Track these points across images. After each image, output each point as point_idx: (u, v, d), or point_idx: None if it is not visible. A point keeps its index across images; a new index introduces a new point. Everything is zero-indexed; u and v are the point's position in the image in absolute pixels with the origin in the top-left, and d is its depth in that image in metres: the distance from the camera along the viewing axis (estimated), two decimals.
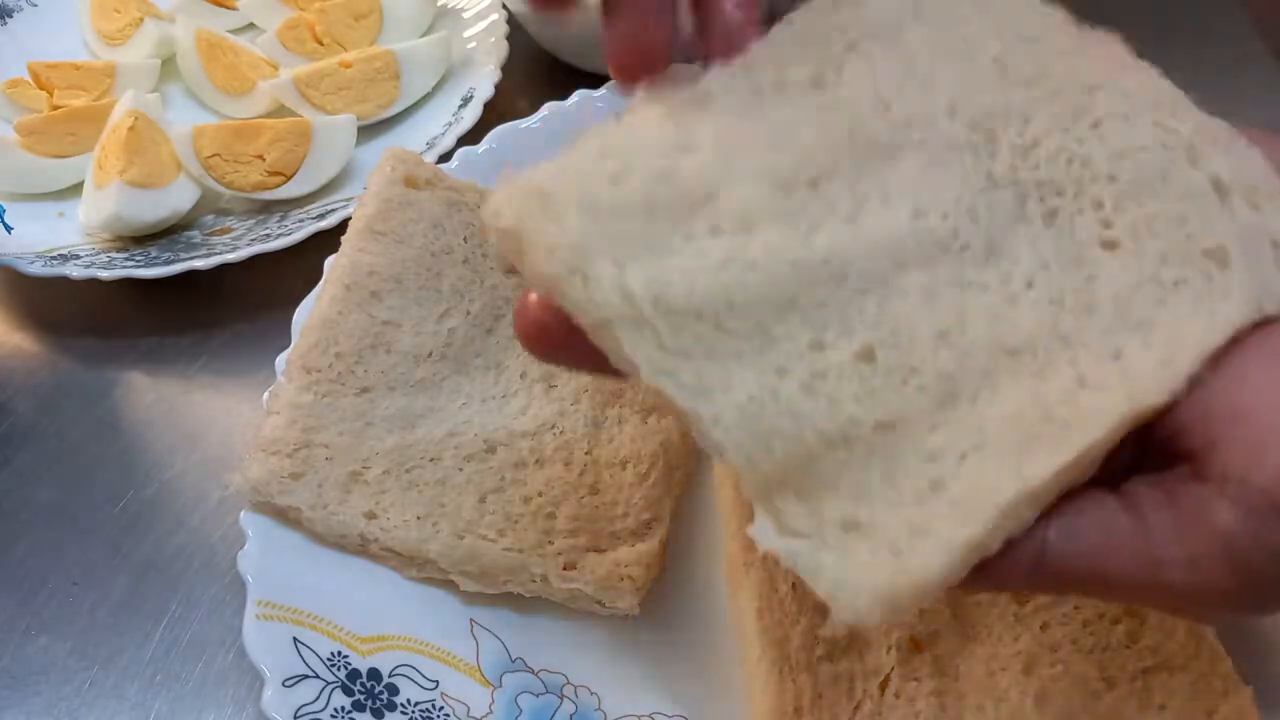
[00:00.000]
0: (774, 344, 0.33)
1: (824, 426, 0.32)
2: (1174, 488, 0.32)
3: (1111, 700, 0.45)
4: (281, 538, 0.53)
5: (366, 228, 0.59)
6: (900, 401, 0.33)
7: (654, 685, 0.51)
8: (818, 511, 0.32)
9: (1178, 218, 0.34)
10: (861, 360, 0.33)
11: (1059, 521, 0.32)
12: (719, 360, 0.33)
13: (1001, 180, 0.36)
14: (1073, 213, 0.35)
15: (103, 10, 0.88)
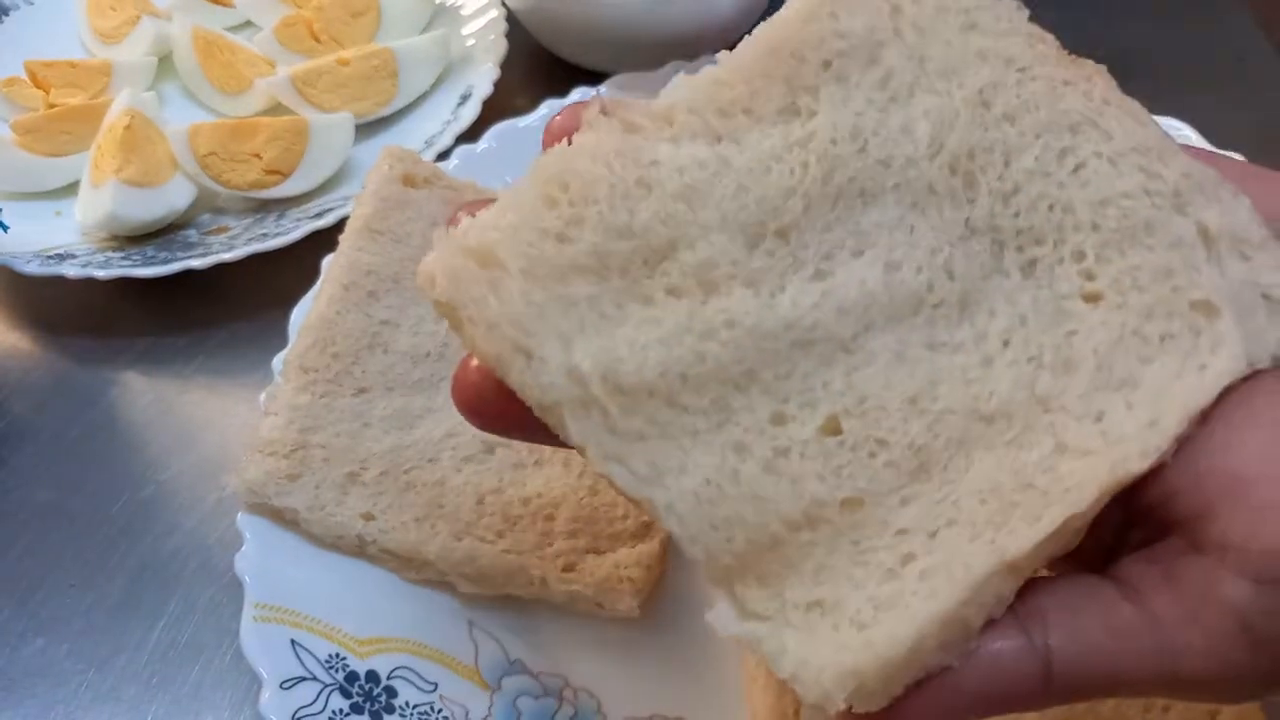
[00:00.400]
0: (732, 418, 0.31)
1: (787, 509, 0.30)
2: (1171, 564, 0.30)
3: (1115, 701, 0.45)
4: (279, 539, 0.53)
5: (364, 227, 0.59)
6: (868, 477, 0.31)
7: (654, 687, 0.51)
8: (780, 595, 0.30)
9: (1163, 269, 0.33)
10: (826, 434, 0.32)
11: (1058, 626, 0.30)
12: (673, 439, 0.31)
13: (980, 228, 0.34)
14: (1053, 263, 0.33)
15: (99, 8, 0.88)
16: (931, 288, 0.33)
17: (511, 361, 0.30)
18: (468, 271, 0.31)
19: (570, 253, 0.32)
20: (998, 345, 0.33)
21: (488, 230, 0.32)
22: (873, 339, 0.32)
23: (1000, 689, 0.30)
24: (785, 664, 0.29)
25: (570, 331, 0.31)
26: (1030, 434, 0.31)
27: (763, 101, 0.34)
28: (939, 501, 0.31)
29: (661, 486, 0.30)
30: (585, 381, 0.30)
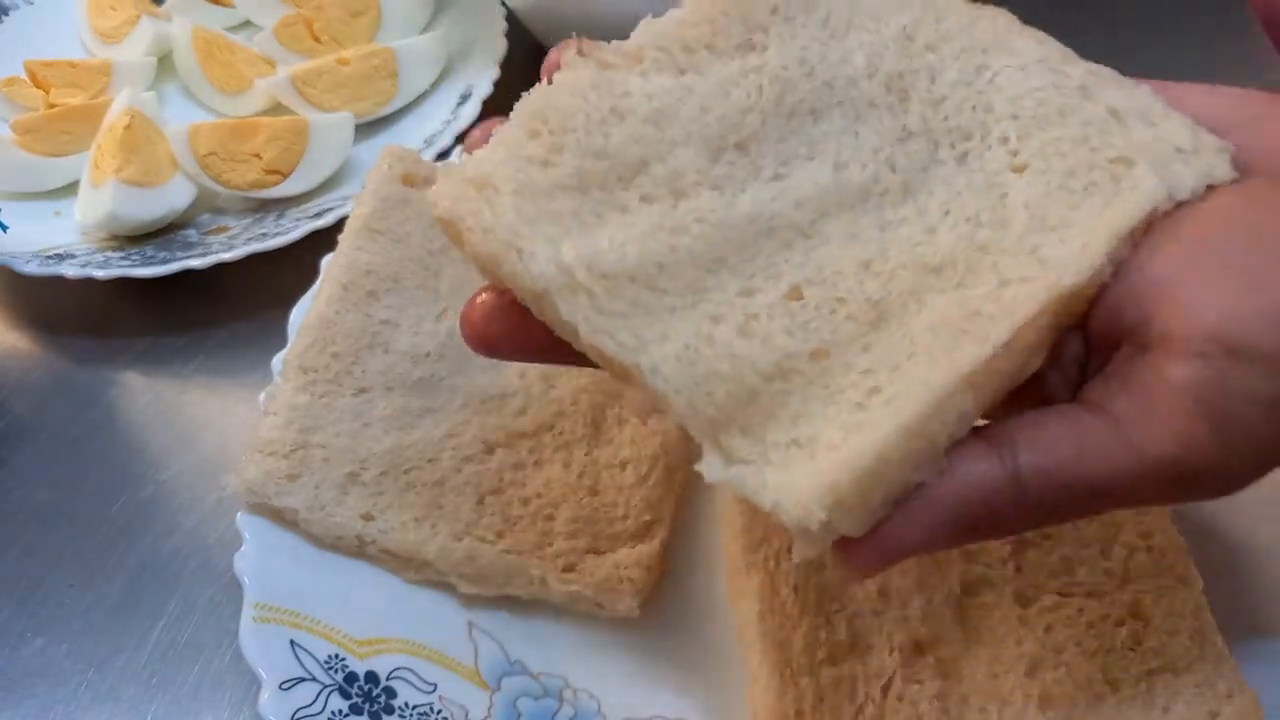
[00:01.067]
0: (706, 296, 0.35)
1: (761, 363, 0.34)
2: (1121, 370, 0.33)
3: (1115, 703, 0.45)
4: (278, 539, 0.52)
5: (364, 226, 0.59)
6: (831, 330, 0.35)
7: (654, 688, 0.51)
8: (761, 440, 0.33)
9: (1080, 138, 0.37)
10: (790, 299, 0.35)
11: (1025, 442, 0.32)
12: (654, 315, 0.35)
13: (916, 131, 0.39)
14: (982, 151, 0.38)
15: (99, 8, 0.88)
16: (877, 179, 0.38)
17: (504, 257, 0.35)
18: (466, 193, 0.36)
19: (554, 174, 0.37)
20: (939, 215, 0.37)
21: (482, 163, 0.37)
22: (827, 224, 0.37)
23: (975, 501, 0.32)
24: (766, 496, 0.32)
25: (556, 235, 0.36)
26: (974, 275, 0.35)
27: (722, 38, 0.40)
28: (898, 341, 0.34)
29: (645, 353, 0.34)
30: (571, 270, 0.35)
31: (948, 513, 0.32)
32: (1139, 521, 0.49)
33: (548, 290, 0.35)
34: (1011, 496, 0.32)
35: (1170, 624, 0.46)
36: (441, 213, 0.36)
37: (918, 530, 0.32)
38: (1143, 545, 0.48)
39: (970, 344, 0.33)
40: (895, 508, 0.32)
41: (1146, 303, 0.33)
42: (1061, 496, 0.32)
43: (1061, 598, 0.47)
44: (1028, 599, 0.48)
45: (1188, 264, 0.33)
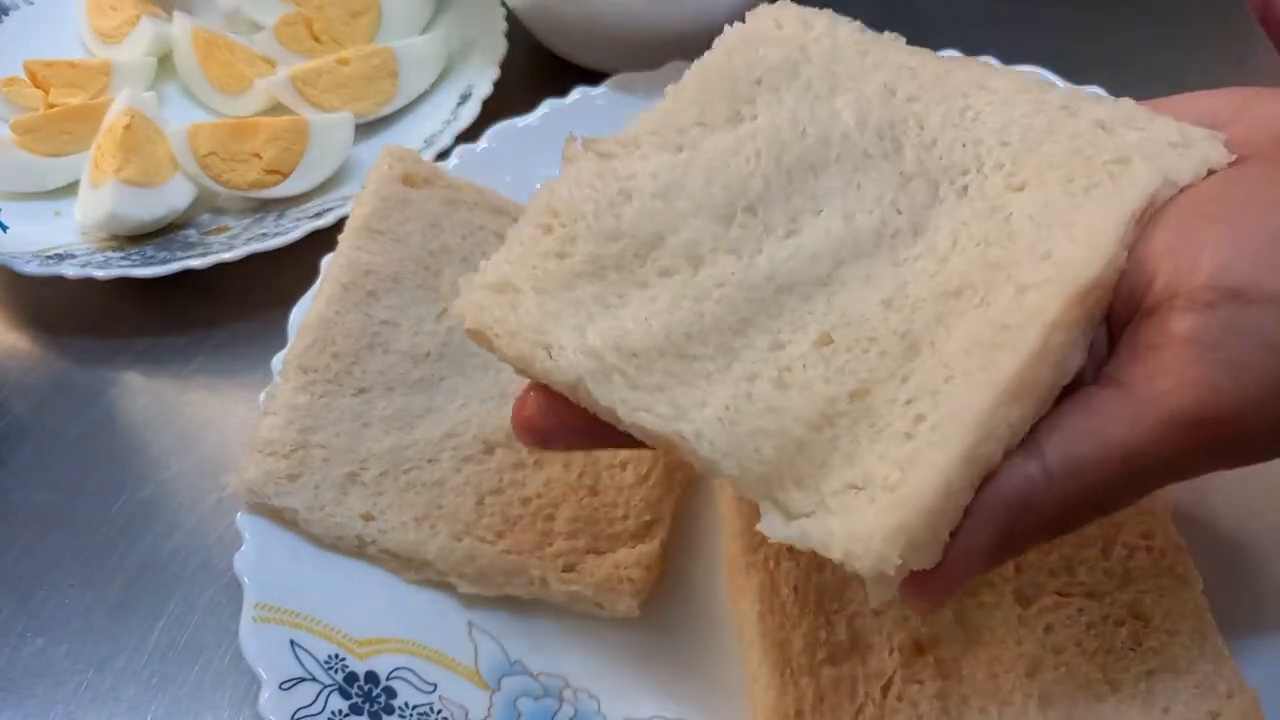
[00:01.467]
0: (738, 356, 0.36)
1: (803, 412, 0.34)
2: (1129, 339, 0.33)
3: (1115, 703, 0.45)
4: (278, 539, 0.52)
5: (364, 226, 0.59)
6: (867, 368, 0.35)
7: (654, 688, 0.51)
8: (817, 489, 0.33)
9: (1073, 149, 0.38)
10: (821, 345, 0.36)
11: (1045, 430, 0.32)
12: (690, 383, 0.36)
13: (914, 174, 0.40)
14: (980, 181, 0.39)
15: (99, 8, 0.88)
16: (885, 223, 0.39)
17: (534, 357, 0.36)
18: (489, 300, 0.38)
19: (571, 264, 0.38)
20: (949, 245, 0.38)
21: (500, 265, 0.38)
22: (843, 272, 0.38)
23: (1015, 504, 0.31)
24: (835, 547, 0.32)
25: (582, 322, 0.37)
26: (994, 291, 0.35)
27: (711, 115, 0.41)
28: (933, 368, 0.34)
29: (686, 420, 0.35)
30: (600, 354, 0.36)
31: (996, 523, 0.31)
32: (1139, 521, 0.49)
33: (580, 379, 0.35)
34: (1045, 487, 0.31)
35: (1170, 624, 0.46)
36: (469, 325, 0.38)
37: (976, 549, 0.31)
38: (1143, 545, 0.48)
39: (1004, 356, 0.33)
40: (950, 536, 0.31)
41: (1149, 270, 0.33)
42: (1089, 472, 0.31)
43: (1061, 598, 0.47)
44: (1028, 599, 0.48)
45: (1186, 227, 0.33)
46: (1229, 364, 0.30)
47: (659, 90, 0.72)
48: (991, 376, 0.32)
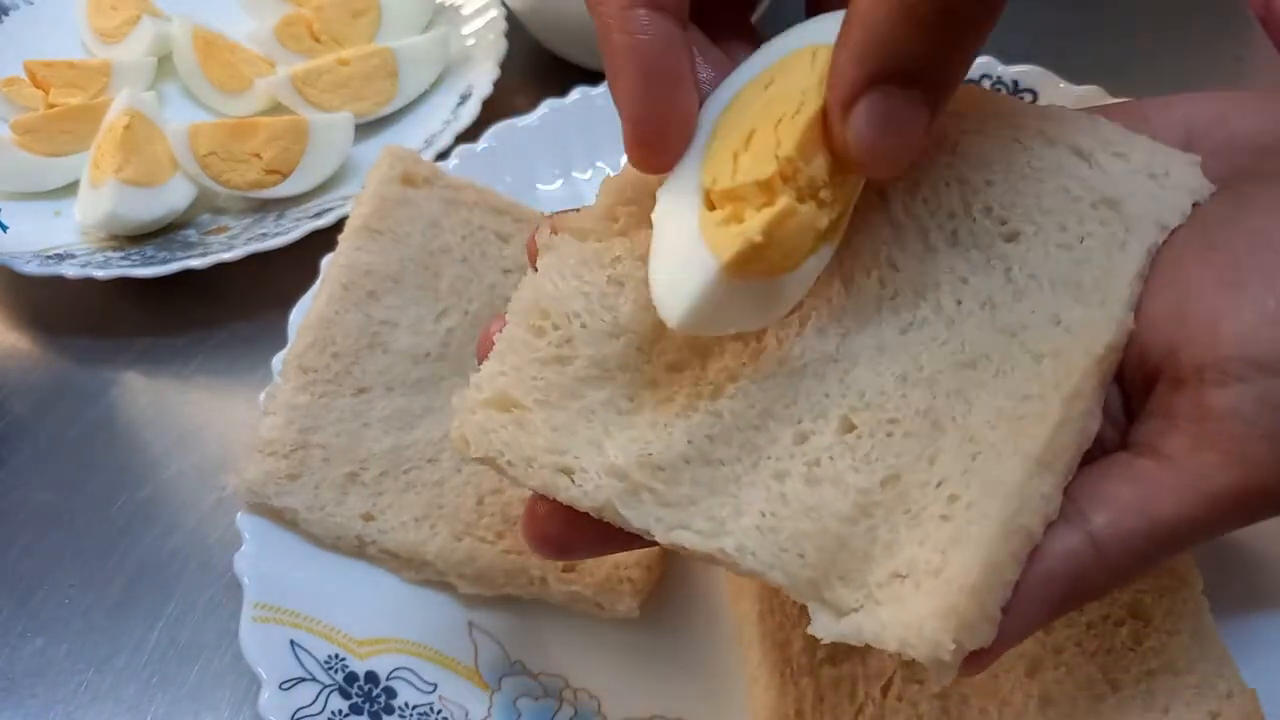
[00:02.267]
0: (763, 453, 0.35)
1: (839, 507, 0.33)
2: (1163, 407, 0.33)
3: (1116, 702, 0.45)
4: (278, 539, 0.52)
5: (364, 226, 0.59)
6: (894, 453, 0.34)
7: (654, 688, 0.51)
8: (864, 583, 0.33)
9: (1059, 189, 0.37)
10: (844, 432, 0.35)
11: (1088, 500, 0.32)
12: (721, 492, 0.34)
13: (902, 222, 0.38)
14: (969, 225, 0.37)
15: (99, 7, 0.88)
16: (883, 283, 0.37)
17: (557, 484, 0.34)
18: (491, 420, 0.35)
19: (573, 370, 0.36)
20: (953, 307, 0.36)
21: (496, 377, 0.36)
22: (852, 344, 0.36)
23: (1062, 576, 0.31)
24: (889, 638, 0.31)
25: (597, 436, 0.35)
26: (1008, 360, 0.34)
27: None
28: (959, 445, 0.33)
29: (726, 534, 0.34)
30: (625, 472, 0.34)
31: (1042, 593, 0.32)
32: None
33: (609, 501, 0.34)
34: (1094, 559, 0.32)
35: (1170, 624, 0.46)
36: (475, 454, 0.35)
37: (1022, 621, 0.31)
38: None
39: (1030, 427, 0.32)
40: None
41: (1166, 335, 0.33)
42: (1139, 546, 0.32)
43: None
44: None
45: (1193, 288, 0.33)
46: (1269, 438, 0.31)
47: None
48: (1020, 448, 0.32)
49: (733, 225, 0.32)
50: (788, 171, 0.32)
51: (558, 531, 0.37)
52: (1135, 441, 0.33)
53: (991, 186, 0.38)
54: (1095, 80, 0.66)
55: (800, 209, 0.32)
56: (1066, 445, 0.32)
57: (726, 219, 0.32)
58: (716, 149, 0.34)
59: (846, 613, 0.33)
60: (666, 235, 0.34)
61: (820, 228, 0.33)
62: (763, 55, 0.36)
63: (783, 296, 0.34)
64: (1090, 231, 0.36)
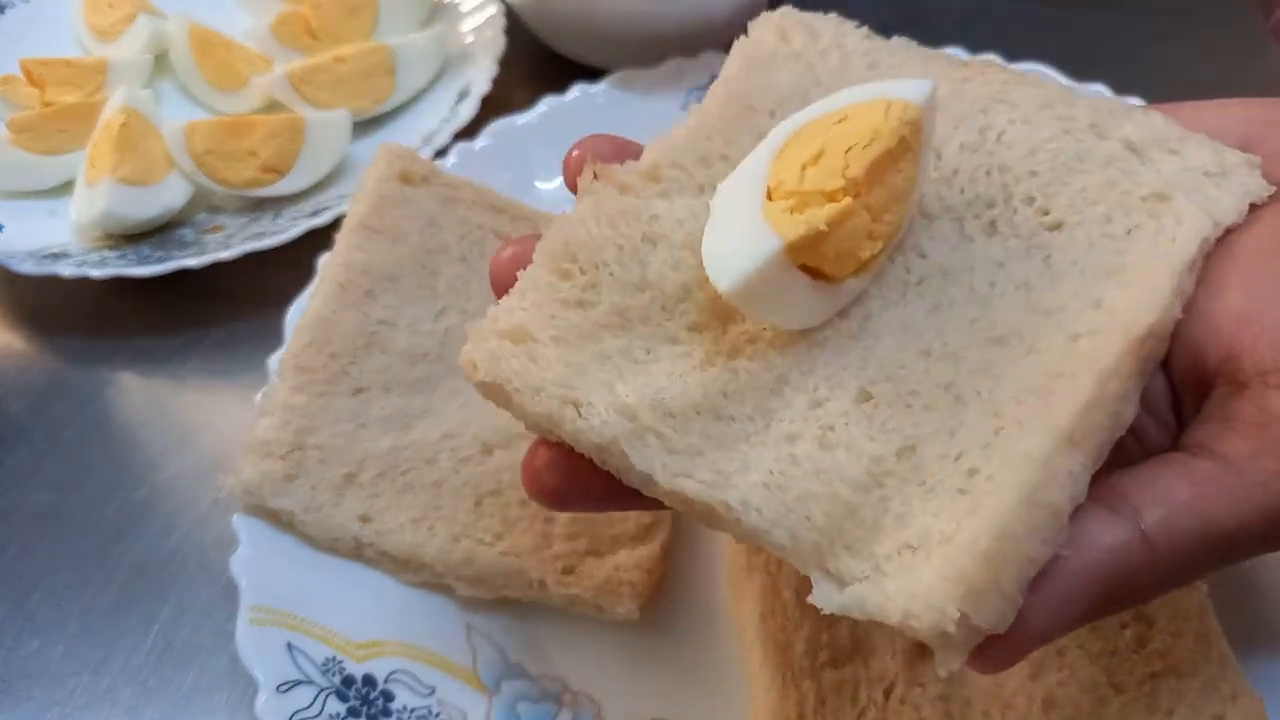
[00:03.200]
0: (776, 415, 0.34)
1: (851, 473, 0.33)
2: (1222, 410, 0.32)
3: (1119, 705, 0.45)
4: (275, 541, 0.52)
5: (361, 225, 0.59)
6: (913, 424, 0.33)
7: (654, 691, 0.50)
8: (871, 554, 0.32)
9: (1107, 182, 0.36)
10: (861, 401, 0.34)
11: (1139, 495, 0.31)
12: (729, 447, 0.34)
13: (935, 211, 0.38)
14: (1009, 216, 0.37)
15: (96, 5, 0.87)
16: (909, 270, 0.37)
17: (562, 415, 0.34)
18: (504, 349, 0.35)
19: (594, 315, 0.36)
20: (987, 289, 0.36)
21: (514, 311, 0.35)
22: (875, 323, 0.36)
23: (1108, 568, 0.30)
24: (893, 609, 0.30)
25: (610, 378, 0.34)
26: (1042, 339, 0.34)
27: (735, 148, 0.39)
28: (982, 419, 0.33)
29: (731, 487, 0.33)
30: (635, 413, 0.33)
31: (1083, 585, 0.30)
32: None
33: (615, 440, 0.33)
34: (1143, 557, 0.30)
35: (1175, 626, 0.46)
36: (483, 377, 0.35)
37: (1055, 610, 0.30)
38: None
39: (1059, 403, 0.31)
40: (1030, 591, 0.29)
41: (1229, 338, 0.32)
42: (1191, 548, 0.30)
43: None
44: None
45: (1261, 292, 0.32)
46: None
47: (659, 87, 0.72)
48: (1048, 422, 0.31)
49: (797, 214, 0.33)
50: (852, 190, 0.33)
51: (557, 482, 0.36)
52: (1191, 443, 0.32)
53: (1035, 176, 0.37)
54: (1097, 76, 0.65)
55: (861, 213, 0.34)
56: (1098, 426, 0.31)
57: (791, 209, 0.33)
58: (784, 159, 0.35)
59: (851, 584, 0.31)
60: (726, 215, 0.35)
61: (863, 256, 0.34)
62: (837, 98, 0.37)
63: (818, 307, 0.35)
64: (1138, 223, 0.35)
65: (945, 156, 0.38)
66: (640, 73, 0.72)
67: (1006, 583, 0.29)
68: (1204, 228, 0.34)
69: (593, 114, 0.70)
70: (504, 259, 0.38)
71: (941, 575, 0.29)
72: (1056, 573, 0.29)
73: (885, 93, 0.36)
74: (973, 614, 0.28)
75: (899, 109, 0.35)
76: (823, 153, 0.34)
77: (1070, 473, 0.30)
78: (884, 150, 0.34)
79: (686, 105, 0.72)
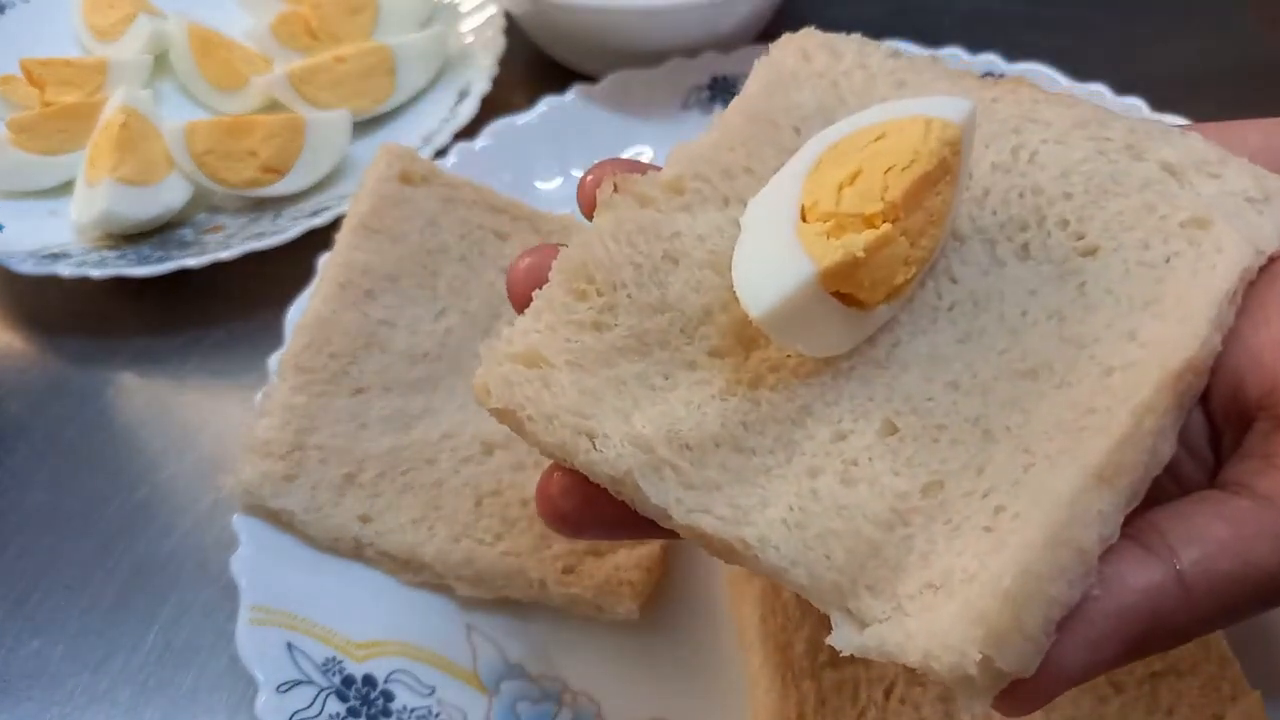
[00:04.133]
0: (798, 448, 0.33)
1: (874, 510, 0.31)
2: (1264, 446, 0.31)
3: (1119, 705, 0.45)
4: (275, 541, 0.52)
5: (361, 225, 0.59)
6: (939, 459, 0.32)
7: (654, 691, 0.50)
8: (894, 595, 0.30)
9: (1144, 206, 0.35)
10: (886, 435, 0.33)
11: (1175, 532, 0.29)
12: (748, 481, 0.33)
13: (967, 234, 0.36)
14: (1042, 239, 0.35)
15: (96, 4, 0.87)
16: (940, 295, 0.35)
17: (576, 446, 0.33)
18: (517, 374, 0.34)
19: (610, 339, 0.34)
20: (1018, 317, 0.34)
21: (528, 334, 0.34)
22: (902, 351, 0.34)
23: (1142, 610, 0.29)
24: (913, 650, 0.29)
25: (626, 407, 0.33)
26: (1074, 372, 0.32)
27: (759, 162, 0.37)
28: (1011, 455, 0.31)
29: (749, 524, 0.32)
30: (650, 445, 0.32)
31: (1114, 627, 0.28)
32: None
33: (630, 473, 0.32)
34: (1179, 599, 0.29)
35: None
36: (495, 404, 0.34)
37: (1084, 652, 0.28)
38: None
39: (1092, 439, 0.30)
40: (1060, 632, 0.28)
41: (1271, 370, 0.31)
42: (1229, 591, 0.29)
43: None
44: None
45: None
46: None
47: (658, 89, 0.72)
48: (1079, 460, 0.29)
49: (833, 239, 0.32)
50: (890, 215, 0.32)
51: (572, 508, 0.35)
52: (1230, 480, 0.31)
53: (1070, 199, 0.36)
54: (1101, 78, 0.65)
55: (899, 239, 0.32)
56: (1132, 464, 0.29)
57: (827, 233, 0.32)
58: (820, 177, 0.34)
59: (871, 624, 0.30)
60: (759, 236, 0.34)
61: (897, 282, 0.33)
62: (876, 112, 0.36)
63: (848, 334, 0.34)
64: (1177, 251, 0.33)
65: (977, 176, 0.37)
66: (640, 73, 0.72)
67: (1030, 624, 0.27)
68: (1245, 256, 0.32)
69: (593, 114, 0.70)
70: (521, 270, 0.37)
71: (963, 616, 0.28)
72: (1087, 614, 0.28)
73: (925, 110, 0.35)
74: (996, 656, 0.27)
75: (939, 128, 0.33)
76: (860, 172, 0.33)
77: (1100, 512, 0.29)
78: (924, 172, 0.33)
79: (686, 105, 0.72)
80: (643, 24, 0.72)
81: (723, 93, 0.72)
